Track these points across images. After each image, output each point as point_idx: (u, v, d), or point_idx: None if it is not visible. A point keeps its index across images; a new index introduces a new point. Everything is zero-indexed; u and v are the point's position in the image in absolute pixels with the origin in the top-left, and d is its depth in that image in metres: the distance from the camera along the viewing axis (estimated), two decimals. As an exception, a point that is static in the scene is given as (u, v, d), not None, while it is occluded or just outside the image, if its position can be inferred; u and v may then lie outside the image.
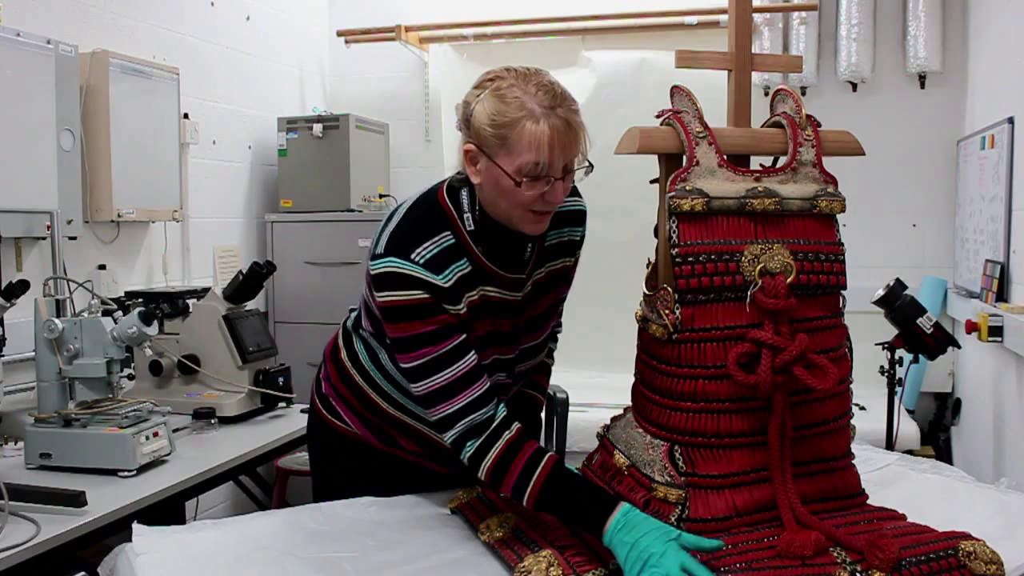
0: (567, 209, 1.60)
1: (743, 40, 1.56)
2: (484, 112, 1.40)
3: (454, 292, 1.43)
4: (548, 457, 1.40)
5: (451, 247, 1.45)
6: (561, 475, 1.39)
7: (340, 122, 3.87)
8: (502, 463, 1.40)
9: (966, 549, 1.26)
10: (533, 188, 1.40)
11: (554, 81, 1.42)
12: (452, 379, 1.42)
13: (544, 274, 1.59)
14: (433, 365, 1.42)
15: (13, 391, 2.55)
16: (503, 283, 1.51)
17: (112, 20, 3.10)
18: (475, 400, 1.42)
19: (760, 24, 3.92)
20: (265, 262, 2.86)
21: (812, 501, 1.42)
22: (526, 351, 1.62)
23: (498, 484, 1.42)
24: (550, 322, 1.67)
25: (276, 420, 2.76)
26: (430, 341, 1.41)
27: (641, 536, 1.27)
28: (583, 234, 1.66)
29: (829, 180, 1.51)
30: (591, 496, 1.37)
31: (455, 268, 1.44)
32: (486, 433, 1.41)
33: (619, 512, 1.31)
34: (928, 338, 2.82)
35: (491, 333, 1.51)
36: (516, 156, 1.38)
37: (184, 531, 1.56)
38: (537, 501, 1.38)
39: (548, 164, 1.38)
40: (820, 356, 1.39)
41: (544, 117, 1.36)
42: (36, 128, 2.65)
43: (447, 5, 4.29)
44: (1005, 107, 3.11)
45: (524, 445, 1.41)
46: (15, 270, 2.64)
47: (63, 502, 1.85)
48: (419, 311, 1.41)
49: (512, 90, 1.38)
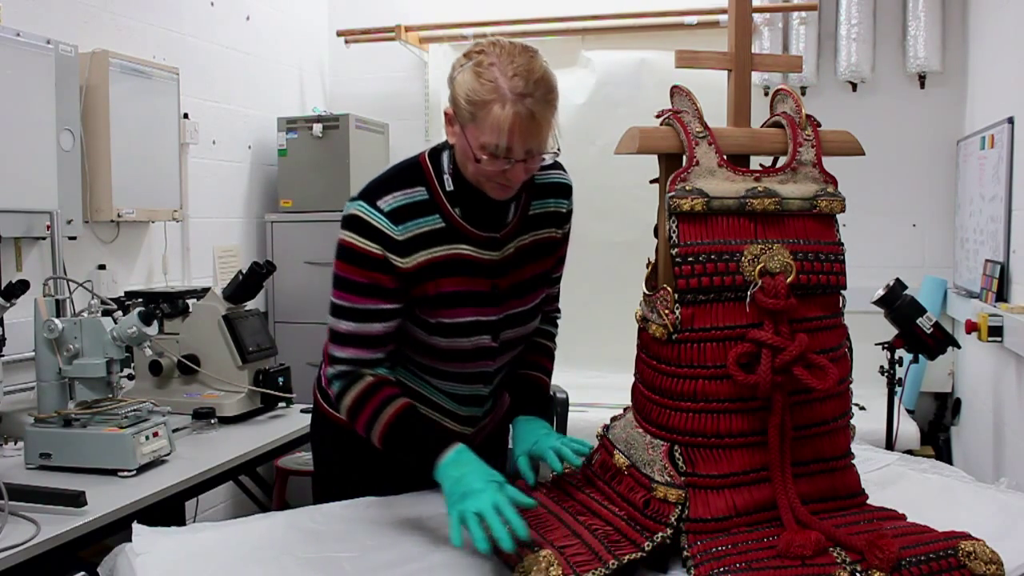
0: (550, 181, 1.66)
1: (743, 40, 1.56)
2: (462, 84, 1.45)
3: (407, 246, 1.51)
4: (402, 401, 1.53)
5: (422, 202, 1.53)
6: (409, 417, 1.51)
7: (340, 122, 3.87)
8: (359, 402, 1.53)
9: (966, 549, 1.26)
10: (493, 165, 1.46)
11: (535, 67, 1.44)
12: (352, 332, 1.54)
13: (529, 241, 1.63)
14: (346, 312, 1.53)
15: (13, 391, 2.55)
16: (478, 241, 1.56)
17: (112, 20, 3.10)
18: (362, 360, 1.55)
19: (760, 24, 3.92)
20: (265, 262, 2.86)
21: (812, 501, 1.42)
22: (514, 317, 1.64)
23: (354, 420, 1.55)
24: (539, 291, 1.68)
25: (276, 420, 2.76)
26: (356, 291, 1.52)
27: (466, 473, 1.40)
28: (570, 208, 1.70)
29: (829, 180, 1.51)
30: (432, 436, 1.50)
31: (420, 223, 1.52)
32: (354, 377, 1.55)
33: (452, 451, 1.44)
34: (928, 338, 2.82)
35: (468, 292, 1.56)
36: (480, 134, 1.44)
37: (184, 531, 1.56)
38: (384, 437, 1.51)
39: (507, 148, 1.44)
40: (820, 356, 1.39)
41: (512, 104, 1.41)
42: (36, 128, 2.65)
43: (447, 5, 4.29)
44: (1005, 107, 3.11)
45: (384, 389, 1.54)
46: (15, 270, 2.64)
47: (63, 502, 1.85)
48: (362, 261, 1.50)
49: (491, 70, 1.42)
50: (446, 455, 1.44)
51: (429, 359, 1.63)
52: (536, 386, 1.77)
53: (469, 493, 1.36)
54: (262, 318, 2.98)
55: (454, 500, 1.37)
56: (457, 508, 1.36)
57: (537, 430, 1.65)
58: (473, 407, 1.72)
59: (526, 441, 1.63)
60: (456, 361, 1.62)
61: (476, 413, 1.73)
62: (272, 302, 3.90)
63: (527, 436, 1.64)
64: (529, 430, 1.65)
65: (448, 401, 1.70)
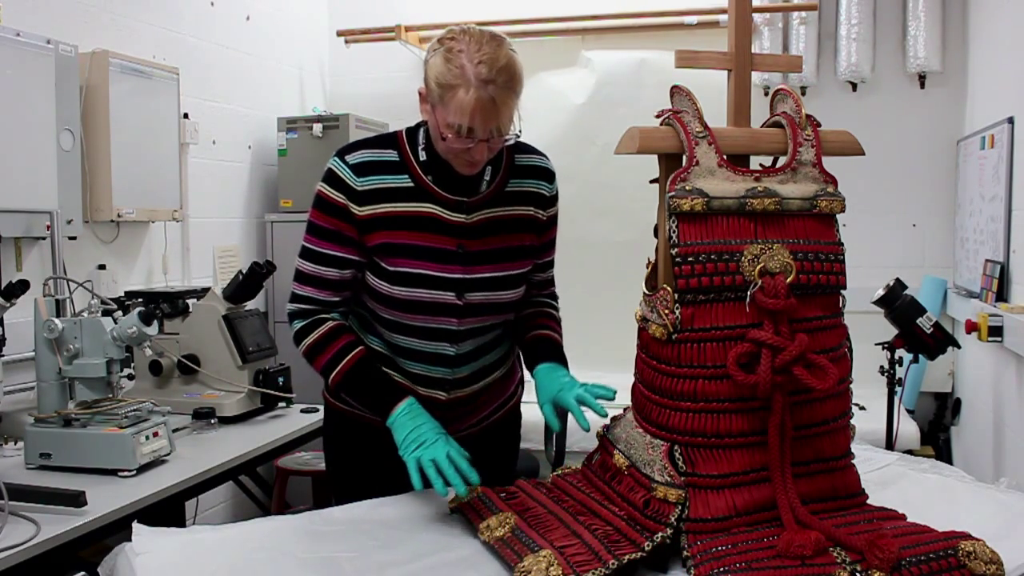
0: (531, 163, 1.78)
1: (743, 40, 1.56)
2: (433, 67, 1.59)
3: (365, 197, 1.66)
4: (359, 350, 1.68)
5: (391, 162, 1.68)
6: (365, 365, 1.67)
7: (340, 122, 3.87)
8: (320, 344, 1.68)
9: (966, 549, 1.26)
10: (458, 143, 1.59)
11: (500, 55, 1.55)
12: (311, 273, 1.70)
13: (503, 214, 1.72)
14: (308, 253, 1.71)
15: (13, 391, 2.55)
16: (445, 203, 1.68)
17: (112, 20, 3.10)
18: (316, 300, 1.71)
19: (760, 24, 3.93)
20: (265, 262, 2.86)
21: (812, 501, 1.42)
22: (483, 281, 1.70)
23: (312, 360, 1.70)
24: (517, 263, 1.75)
25: (276, 420, 2.76)
26: (318, 235, 1.69)
27: (421, 424, 1.58)
28: (553, 192, 1.80)
29: (829, 180, 1.51)
30: (385, 386, 1.66)
31: (385, 179, 1.67)
32: (313, 318, 1.71)
33: (406, 401, 1.62)
34: (928, 338, 2.82)
35: (431, 248, 1.67)
36: (447, 115, 1.57)
37: (184, 531, 1.56)
38: (341, 382, 1.67)
39: (470, 128, 1.56)
40: (820, 356, 1.39)
41: (475, 89, 1.53)
42: (36, 128, 2.65)
43: (447, 5, 4.29)
44: (1005, 107, 3.11)
45: (343, 335, 1.69)
46: (15, 270, 2.64)
47: (63, 502, 1.85)
48: (326, 208, 1.68)
49: (459, 56, 1.55)
50: (399, 405, 1.61)
51: (392, 311, 1.71)
52: (547, 339, 1.81)
53: (425, 443, 1.55)
54: (262, 318, 2.98)
55: (410, 448, 1.56)
56: (414, 455, 1.54)
57: (559, 378, 1.71)
58: (441, 367, 1.75)
59: (549, 389, 1.70)
60: (418, 314, 1.69)
61: (446, 375, 1.76)
62: (272, 302, 3.90)
63: (549, 384, 1.70)
64: (552, 378, 1.71)
65: (414, 364, 1.75)
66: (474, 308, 1.71)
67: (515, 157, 1.75)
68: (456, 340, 1.73)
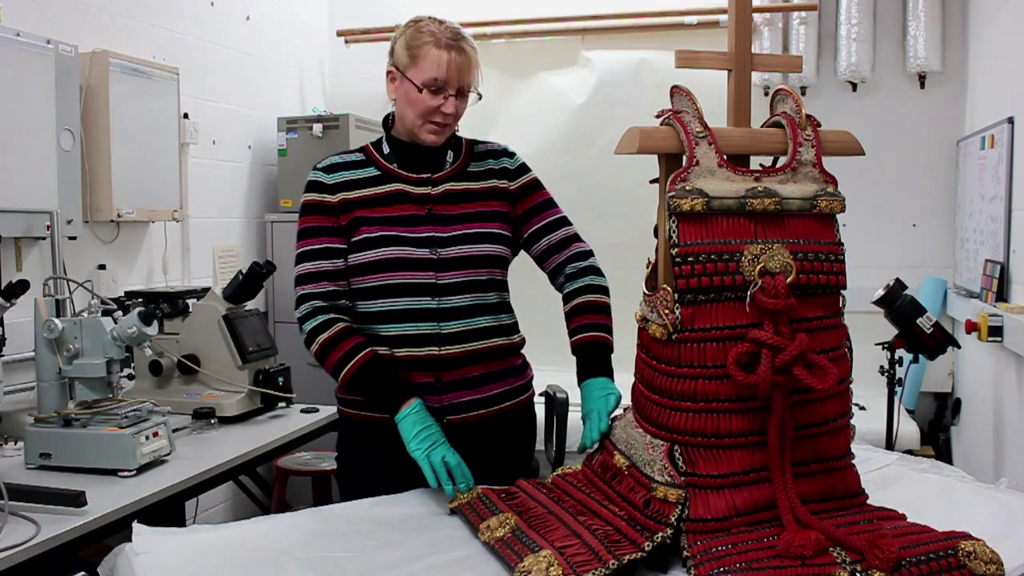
0: (487, 149, 1.95)
1: (743, 40, 1.56)
2: (403, 39, 1.82)
3: (335, 188, 1.86)
4: (369, 350, 1.77)
5: (357, 161, 1.89)
6: (375, 365, 1.76)
7: (340, 122, 3.87)
8: (332, 342, 1.78)
9: (966, 549, 1.26)
10: (432, 100, 1.79)
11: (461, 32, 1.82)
12: (308, 271, 1.84)
13: (467, 187, 1.89)
14: (303, 255, 1.86)
15: (13, 391, 2.55)
16: (411, 181, 1.87)
17: (112, 20, 3.10)
18: (318, 294, 1.83)
19: (760, 24, 3.93)
20: (265, 262, 2.85)
21: (812, 501, 1.42)
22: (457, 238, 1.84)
23: (324, 360, 1.80)
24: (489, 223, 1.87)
25: (276, 420, 2.76)
26: (307, 235, 1.86)
27: (430, 424, 1.70)
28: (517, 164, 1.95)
29: (829, 180, 1.51)
30: (394, 385, 1.75)
31: (353, 172, 1.87)
32: (325, 318, 1.81)
33: (415, 401, 1.72)
34: (928, 338, 2.82)
35: (402, 215, 1.84)
36: (422, 72, 1.78)
37: (184, 531, 1.56)
38: (351, 379, 1.76)
39: (445, 81, 1.78)
40: (820, 356, 1.39)
41: (446, 47, 1.78)
42: (36, 128, 2.65)
43: (447, 5, 4.28)
44: (1005, 107, 3.11)
45: (353, 336, 1.79)
46: (15, 270, 2.64)
47: (63, 502, 1.85)
48: (308, 209, 1.88)
49: (427, 26, 1.81)
50: (409, 404, 1.71)
51: (372, 276, 1.82)
52: (592, 345, 1.85)
53: (435, 443, 1.67)
54: (262, 318, 2.98)
55: (423, 446, 1.66)
56: (425, 453, 1.65)
57: (592, 392, 1.78)
58: (426, 323, 1.81)
59: (584, 405, 1.79)
60: (397, 271, 1.81)
61: (434, 330, 1.81)
62: (272, 302, 3.90)
63: (584, 399, 1.80)
64: (585, 394, 1.80)
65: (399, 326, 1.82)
66: (452, 262, 1.82)
67: (474, 146, 1.95)
68: (437, 294, 1.81)
